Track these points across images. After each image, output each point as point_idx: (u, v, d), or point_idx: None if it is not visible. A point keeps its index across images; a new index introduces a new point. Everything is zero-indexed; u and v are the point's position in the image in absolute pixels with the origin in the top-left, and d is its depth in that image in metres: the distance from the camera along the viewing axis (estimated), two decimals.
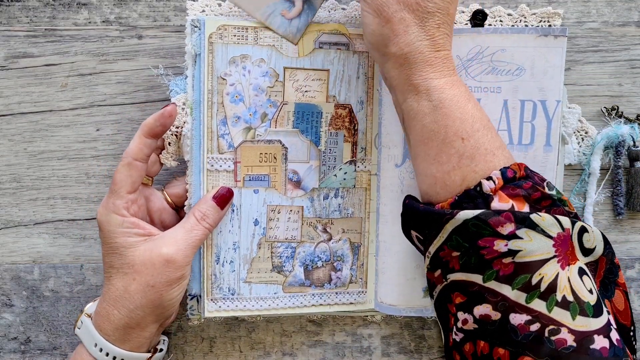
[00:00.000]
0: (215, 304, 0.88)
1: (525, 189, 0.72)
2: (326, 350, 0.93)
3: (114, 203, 0.81)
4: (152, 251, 0.80)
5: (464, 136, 0.74)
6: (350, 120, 0.88)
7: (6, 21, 0.91)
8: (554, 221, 0.70)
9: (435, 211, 0.74)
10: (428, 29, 0.75)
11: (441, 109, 0.74)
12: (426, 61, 0.75)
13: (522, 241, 0.69)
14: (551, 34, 0.85)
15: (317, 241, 0.89)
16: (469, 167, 0.73)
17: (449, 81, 0.76)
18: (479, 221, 0.70)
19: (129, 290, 0.80)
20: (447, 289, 0.75)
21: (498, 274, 0.70)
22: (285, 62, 0.87)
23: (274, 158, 0.88)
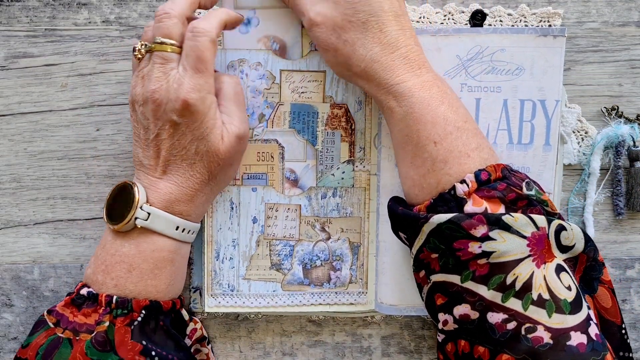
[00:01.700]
0: (215, 299, 0.88)
1: (500, 191, 0.73)
2: (326, 350, 0.93)
3: (208, 82, 0.78)
4: (229, 136, 0.80)
5: (436, 140, 0.74)
6: (347, 120, 0.88)
7: (6, 21, 0.91)
8: (528, 221, 0.70)
9: (412, 214, 0.75)
10: (372, 37, 0.77)
11: (411, 114, 0.76)
12: (385, 68, 0.77)
13: (496, 242, 0.69)
14: (550, 34, 0.85)
15: (315, 240, 0.89)
16: (442, 171, 0.74)
17: (419, 82, 0.76)
18: (452, 224, 0.71)
19: (214, 175, 0.81)
20: (431, 290, 0.76)
21: (474, 274, 0.70)
22: (281, 65, 0.88)
23: (271, 157, 0.88)
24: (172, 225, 0.80)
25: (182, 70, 0.77)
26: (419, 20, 0.89)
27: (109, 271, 0.79)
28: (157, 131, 0.78)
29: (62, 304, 0.80)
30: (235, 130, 0.80)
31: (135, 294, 0.79)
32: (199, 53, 0.76)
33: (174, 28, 0.78)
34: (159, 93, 0.76)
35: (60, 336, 0.77)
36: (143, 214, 0.78)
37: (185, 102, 0.76)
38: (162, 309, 0.80)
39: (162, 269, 0.80)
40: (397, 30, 0.77)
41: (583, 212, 0.91)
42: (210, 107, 0.78)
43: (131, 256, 0.79)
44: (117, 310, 0.77)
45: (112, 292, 0.79)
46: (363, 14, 0.76)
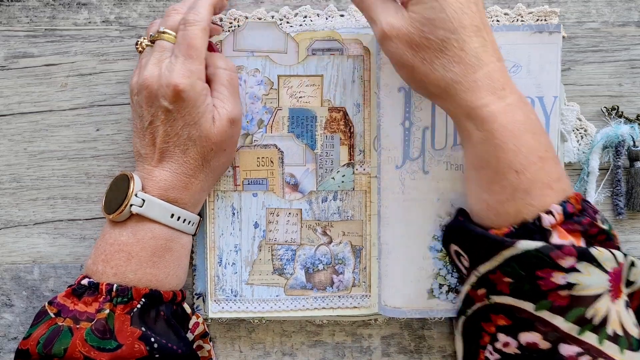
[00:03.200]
0: (218, 305, 0.88)
1: (584, 225, 0.71)
2: (326, 350, 0.93)
3: (198, 69, 0.79)
4: (220, 120, 0.80)
5: (518, 169, 0.71)
6: (346, 123, 0.88)
7: (6, 21, 0.91)
8: (610, 255, 0.69)
9: (493, 237, 0.73)
10: (452, 55, 0.72)
11: (492, 140, 0.72)
12: (466, 89, 0.72)
13: (581, 275, 0.68)
14: (545, 30, 0.85)
15: (317, 244, 0.89)
16: (524, 201, 0.72)
17: (502, 106, 0.72)
18: (539, 253, 0.69)
19: (208, 160, 0.81)
20: (488, 308, 0.75)
21: (552, 304, 0.69)
22: (279, 71, 0.88)
23: (271, 162, 0.88)
24: (168, 213, 0.80)
25: (174, 58, 0.78)
26: None
27: (108, 260, 0.80)
28: (151, 118, 0.80)
29: (62, 295, 0.81)
30: (226, 113, 0.81)
31: (135, 283, 0.79)
32: (189, 40, 0.78)
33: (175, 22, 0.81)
34: (150, 80, 0.79)
35: (61, 325, 0.77)
36: (138, 201, 0.79)
37: (175, 88, 0.77)
38: (163, 299, 0.81)
39: (161, 257, 0.81)
40: (479, 47, 0.72)
41: None
42: (200, 93, 0.79)
43: (130, 244, 0.80)
44: (117, 298, 0.78)
45: (112, 281, 0.79)
46: (442, 32, 0.71)
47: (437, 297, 0.88)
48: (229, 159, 0.86)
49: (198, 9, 0.80)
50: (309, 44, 0.88)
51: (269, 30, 0.87)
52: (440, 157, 0.86)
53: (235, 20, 0.89)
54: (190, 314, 0.86)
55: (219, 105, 0.81)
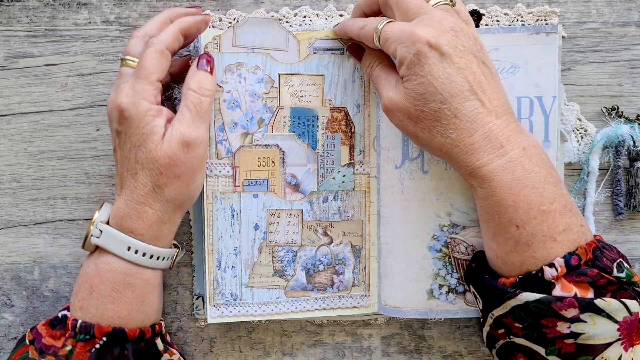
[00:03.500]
0: (217, 309, 0.88)
1: (591, 277, 0.72)
2: (326, 350, 0.93)
3: (144, 88, 0.77)
4: (170, 142, 0.77)
5: (519, 224, 0.73)
6: (347, 123, 0.88)
7: (6, 21, 0.91)
8: (620, 306, 0.70)
9: (498, 287, 0.75)
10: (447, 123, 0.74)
11: (492, 197, 0.74)
12: (465, 152, 0.74)
13: (586, 325, 0.69)
14: (542, 31, 0.85)
15: (318, 245, 0.89)
16: (526, 253, 0.73)
17: (501, 164, 0.73)
18: (541, 304, 0.70)
19: (158, 185, 0.78)
20: (510, 345, 0.76)
21: (560, 351, 0.70)
22: (280, 69, 0.87)
23: (272, 162, 0.88)
24: (123, 245, 0.79)
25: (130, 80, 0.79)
26: None
27: (76, 293, 0.80)
28: (113, 144, 0.81)
29: (42, 323, 0.81)
30: (178, 134, 0.77)
31: (97, 319, 0.78)
32: (142, 61, 0.78)
33: (134, 46, 0.81)
34: (109, 105, 0.80)
35: (29, 355, 0.78)
36: (96, 231, 0.79)
37: (119, 107, 0.77)
38: (127, 337, 0.79)
39: (120, 292, 0.79)
40: (473, 110, 0.74)
41: (583, 211, 0.91)
42: (144, 113, 0.77)
43: (92, 277, 0.79)
44: (79, 335, 0.77)
45: (79, 315, 0.79)
46: (434, 104, 0.73)
47: (436, 297, 0.88)
48: (187, 190, 0.80)
49: (161, 32, 0.80)
50: (309, 43, 0.88)
51: (270, 27, 0.87)
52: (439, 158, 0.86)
53: (235, 20, 0.89)
54: (162, 351, 0.84)
55: (175, 125, 0.78)
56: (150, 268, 0.81)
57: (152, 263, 0.80)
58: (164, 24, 0.82)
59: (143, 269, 0.80)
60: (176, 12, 0.84)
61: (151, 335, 0.82)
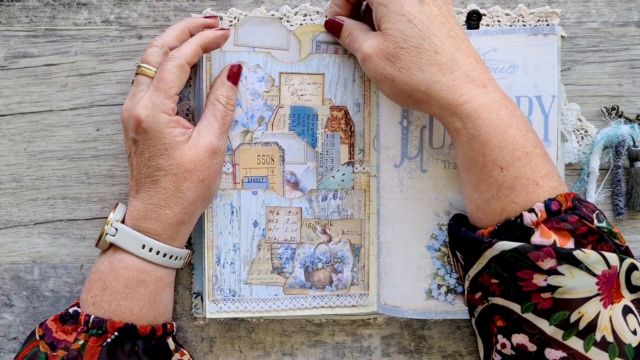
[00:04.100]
0: (216, 305, 0.88)
1: (571, 223, 0.70)
2: (326, 350, 0.93)
3: (163, 102, 0.79)
4: (197, 148, 0.80)
5: (503, 165, 0.72)
6: (347, 122, 0.89)
7: (6, 21, 0.91)
8: (600, 258, 0.68)
9: (474, 237, 0.73)
10: (426, 59, 0.75)
11: (477, 137, 0.73)
12: (447, 88, 0.74)
13: (563, 277, 0.67)
14: (540, 33, 0.85)
15: (316, 243, 0.89)
16: (508, 198, 0.72)
17: (485, 102, 0.73)
18: (517, 253, 0.69)
19: (181, 189, 0.80)
20: (488, 310, 0.75)
21: (536, 307, 0.69)
22: (280, 68, 0.88)
23: (272, 160, 0.88)
24: (138, 243, 0.81)
25: (147, 90, 0.80)
26: None
27: (89, 289, 0.82)
28: (129, 151, 0.82)
29: (52, 318, 0.82)
30: (207, 142, 0.81)
31: (110, 314, 0.80)
32: (162, 74, 0.80)
33: (152, 55, 0.82)
34: (124, 113, 0.82)
35: (40, 350, 0.79)
36: (112, 230, 0.81)
37: (137, 119, 0.79)
38: (138, 333, 0.80)
39: (133, 289, 0.81)
40: (454, 49, 0.75)
41: None
42: (164, 125, 0.79)
43: (106, 274, 0.81)
44: (92, 329, 0.79)
45: (91, 311, 0.80)
46: (414, 39, 0.75)
47: (435, 298, 0.88)
48: (208, 192, 0.84)
49: (183, 46, 0.82)
50: (313, 36, 0.88)
51: (271, 27, 0.87)
52: (438, 156, 0.86)
53: (236, 19, 0.89)
54: (173, 351, 0.85)
55: (202, 133, 0.82)
56: (164, 267, 0.83)
57: (166, 262, 0.82)
58: (182, 35, 0.84)
59: (157, 267, 0.82)
60: (195, 23, 0.85)
61: (162, 334, 0.83)
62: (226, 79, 0.84)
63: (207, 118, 0.83)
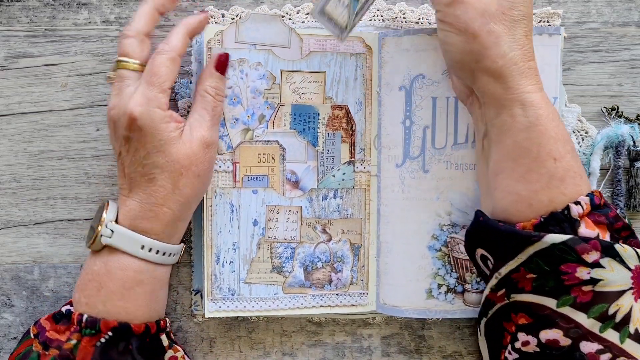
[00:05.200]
0: (215, 304, 0.88)
1: (610, 217, 0.72)
2: (326, 350, 0.93)
3: (157, 97, 0.77)
4: (191, 142, 0.79)
5: (557, 156, 0.72)
6: (348, 121, 0.88)
7: (6, 21, 0.91)
8: (634, 253, 0.70)
9: (520, 232, 0.72)
10: (518, 37, 0.73)
11: (537, 126, 0.72)
12: (521, 73, 0.73)
13: (605, 270, 0.68)
14: (545, 32, 0.85)
15: (316, 242, 0.89)
16: (558, 189, 0.72)
17: (543, 96, 0.74)
18: (565, 247, 0.69)
19: (178, 186, 0.79)
20: (508, 307, 0.75)
21: (575, 300, 0.69)
22: (281, 65, 0.87)
23: (272, 158, 0.88)
24: (137, 244, 0.79)
25: (139, 86, 0.78)
26: (418, 21, 0.89)
27: (82, 289, 0.80)
28: (119, 149, 0.80)
29: (45, 317, 0.81)
30: (198, 135, 0.79)
31: (104, 314, 0.78)
32: (153, 68, 0.78)
33: (130, 46, 0.80)
34: (112, 111, 0.79)
35: (33, 348, 0.78)
36: (107, 231, 0.79)
37: (130, 116, 0.76)
38: (133, 332, 0.79)
39: (130, 289, 0.79)
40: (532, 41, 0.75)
41: None
42: (159, 121, 0.77)
43: (101, 274, 0.79)
44: (85, 329, 0.77)
45: (84, 311, 0.78)
46: (518, 13, 0.73)
47: (435, 297, 0.88)
48: (203, 187, 0.84)
49: (170, 38, 0.80)
50: None
51: (273, 24, 0.87)
52: (441, 156, 0.86)
53: (237, 16, 0.89)
54: (166, 347, 0.84)
55: (195, 127, 0.80)
56: (161, 265, 0.82)
57: (164, 259, 0.81)
58: (153, 18, 0.82)
59: (155, 265, 0.81)
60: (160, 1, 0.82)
61: (156, 331, 0.82)
62: (214, 70, 0.83)
63: (197, 111, 0.81)
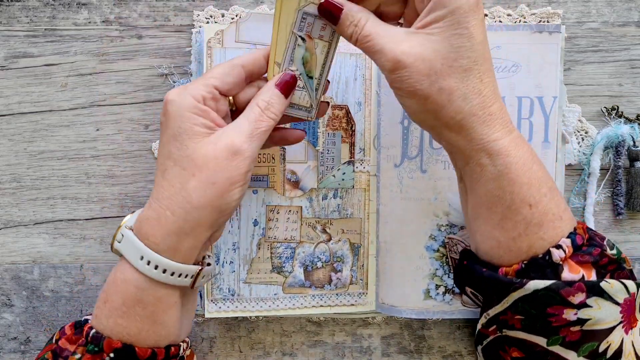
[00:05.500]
0: (215, 304, 0.88)
1: (594, 256, 0.70)
2: (326, 350, 0.93)
3: (197, 86, 0.71)
4: (215, 144, 0.70)
5: (532, 202, 0.69)
6: (348, 121, 0.88)
7: (6, 21, 0.91)
8: (622, 287, 0.68)
9: (502, 279, 0.71)
10: (473, 86, 0.68)
11: (507, 174, 0.69)
12: (483, 122, 0.69)
13: (592, 309, 0.67)
14: (546, 30, 0.85)
15: (316, 242, 0.89)
16: (536, 235, 0.70)
17: (512, 140, 0.69)
18: (549, 291, 0.68)
19: (186, 188, 0.69)
20: (501, 340, 0.74)
21: (564, 339, 0.68)
22: None
23: (272, 158, 0.88)
24: (137, 253, 0.70)
25: None
26: None
27: (98, 298, 0.74)
28: None
29: (70, 324, 0.76)
30: (227, 139, 0.70)
31: (108, 331, 0.71)
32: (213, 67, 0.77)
33: None
34: None
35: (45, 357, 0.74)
36: (119, 235, 0.73)
37: (166, 99, 0.72)
38: (137, 356, 0.71)
39: (130, 308, 0.71)
40: (492, 82, 0.70)
41: (583, 212, 0.91)
42: (188, 109, 0.70)
43: (109, 284, 0.73)
44: (90, 345, 0.71)
45: (93, 324, 0.73)
46: (467, 60, 0.67)
47: (433, 297, 0.88)
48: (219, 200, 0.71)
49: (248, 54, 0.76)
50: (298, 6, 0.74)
51: None
52: (438, 157, 0.86)
53: (237, 16, 0.89)
54: None
55: (227, 131, 0.71)
56: (164, 284, 0.72)
57: (165, 278, 0.71)
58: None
59: (156, 284, 0.71)
60: None
61: (164, 358, 0.74)
62: (274, 85, 0.75)
63: (239, 119, 0.73)
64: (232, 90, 0.74)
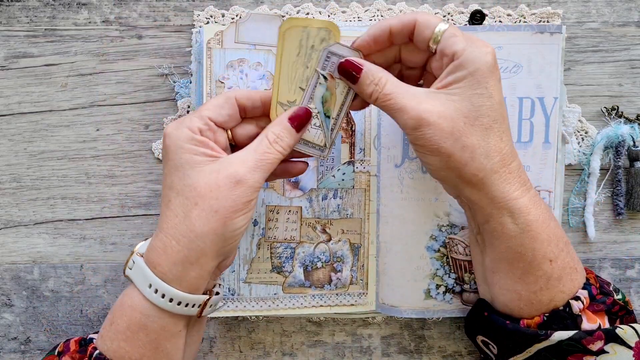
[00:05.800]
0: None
1: (608, 305, 0.74)
2: (326, 350, 0.93)
3: (191, 119, 0.72)
4: (218, 172, 0.70)
5: (552, 258, 0.72)
6: (348, 121, 0.88)
7: (6, 21, 0.91)
8: (633, 332, 0.72)
9: (526, 332, 0.73)
10: (493, 144, 0.70)
11: (528, 232, 0.71)
12: (504, 180, 0.71)
13: (608, 355, 0.71)
14: (547, 31, 0.85)
15: (316, 242, 0.89)
16: (557, 288, 0.73)
17: (530, 198, 0.72)
18: (572, 341, 0.71)
19: (190, 217, 0.69)
20: None
21: None
22: None
23: None
24: (145, 280, 0.70)
25: None
26: None
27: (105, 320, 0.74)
28: None
29: (75, 339, 0.76)
30: (231, 169, 0.70)
31: (111, 354, 0.71)
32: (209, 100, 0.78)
33: None
34: None
35: None
36: (131, 262, 0.73)
37: (164, 134, 0.73)
38: None
39: (134, 333, 0.71)
40: (510, 140, 0.72)
41: (583, 212, 0.91)
42: (186, 141, 0.71)
43: (117, 307, 0.73)
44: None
45: (98, 344, 0.72)
46: (487, 119, 0.70)
47: (433, 297, 0.88)
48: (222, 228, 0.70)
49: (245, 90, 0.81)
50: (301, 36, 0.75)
51: (273, 24, 0.87)
52: None
53: (237, 16, 0.89)
54: None
55: (232, 160, 0.71)
56: (170, 313, 0.71)
57: (172, 307, 0.71)
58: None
59: (161, 312, 0.71)
60: None
61: None
62: (286, 119, 0.75)
63: (246, 148, 0.73)
64: (227, 122, 0.75)
